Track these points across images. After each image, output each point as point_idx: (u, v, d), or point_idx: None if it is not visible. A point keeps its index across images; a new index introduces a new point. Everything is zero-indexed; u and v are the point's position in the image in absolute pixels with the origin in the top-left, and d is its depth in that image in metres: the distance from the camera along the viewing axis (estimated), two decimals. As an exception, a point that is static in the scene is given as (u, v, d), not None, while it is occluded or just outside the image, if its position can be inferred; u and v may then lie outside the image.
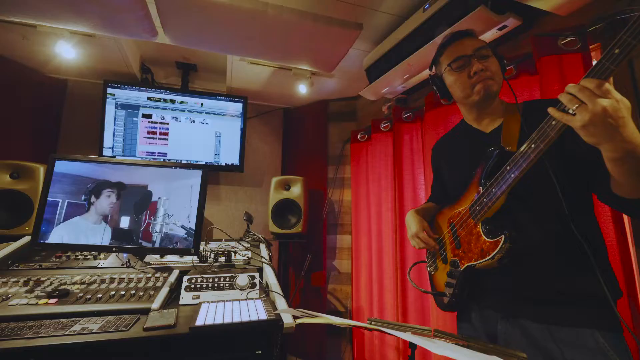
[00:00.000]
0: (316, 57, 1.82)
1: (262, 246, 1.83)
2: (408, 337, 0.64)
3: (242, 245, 1.78)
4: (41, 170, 1.86)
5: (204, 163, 2.33)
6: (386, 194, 1.99)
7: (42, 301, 1.02)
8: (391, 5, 1.65)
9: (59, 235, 1.31)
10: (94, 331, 0.86)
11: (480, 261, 0.81)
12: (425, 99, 1.71)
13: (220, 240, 1.87)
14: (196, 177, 1.42)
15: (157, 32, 1.64)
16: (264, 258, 1.63)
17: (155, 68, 2.45)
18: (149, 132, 2.25)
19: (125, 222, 1.35)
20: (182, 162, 2.28)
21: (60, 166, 1.37)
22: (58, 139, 2.32)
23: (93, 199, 1.36)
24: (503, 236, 0.78)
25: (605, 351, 0.71)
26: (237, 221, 2.54)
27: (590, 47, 1.10)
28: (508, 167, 0.78)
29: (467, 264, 0.86)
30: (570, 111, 0.62)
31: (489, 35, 1.35)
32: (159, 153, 2.26)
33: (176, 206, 1.38)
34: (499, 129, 0.93)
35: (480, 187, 0.85)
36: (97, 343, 0.83)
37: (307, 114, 2.75)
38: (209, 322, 0.91)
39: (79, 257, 1.45)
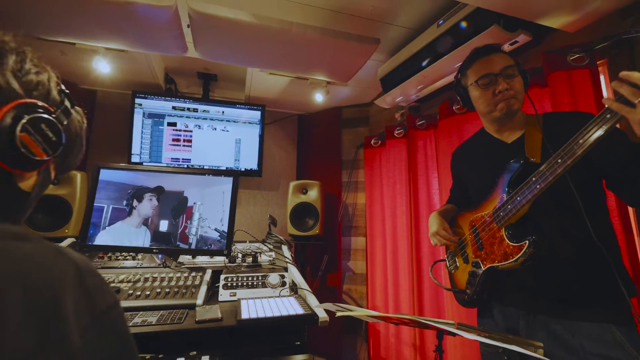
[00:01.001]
0: (334, 69, 1.93)
1: (284, 247, 1.94)
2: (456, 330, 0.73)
3: (266, 246, 1.89)
4: (79, 177, 1.98)
5: (224, 168, 2.45)
6: (401, 197, 2.09)
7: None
8: (406, 20, 1.75)
9: (104, 237, 1.43)
10: (153, 323, 0.97)
11: (504, 263, 0.90)
12: (439, 108, 1.80)
13: (244, 241, 1.98)
14: (227, 183, 1.53)
15: (187, 47, 1.76)
16: (287, 258, 1.73)
17: (178, 78, 2.57)
18: (173, 140, 2.37)
19: (164, 226, 1.47)
20: (205, 167, 2.40)
21: (104, 174, 1.49)
22: (89, 146, 2.45)
23: (135, 203, 1.47)
24: (527, 241, 0.86)
25: (622, 343, 0.79)
26: (256, 223, 2.65)
27: (598, 62, 1.19)
28: (534, 178, 0.86)
29: (490, 265, 0.95)
30: (633, 104, 0.63)
31: (493, 42, 1.44)
32: (183, 159, 2.38)
33: (210, 210, 1.49)
34: (520, 139, 1.02)
35: (504, 195, 0.94)
36: (156, 333, 0.94)
37: (321, 120, 2.86)
38: (253, 316, 1.01)
39: (119, 257, 1.57)
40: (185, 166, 2.37)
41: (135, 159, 2.31)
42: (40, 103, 0.45)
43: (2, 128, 0.40)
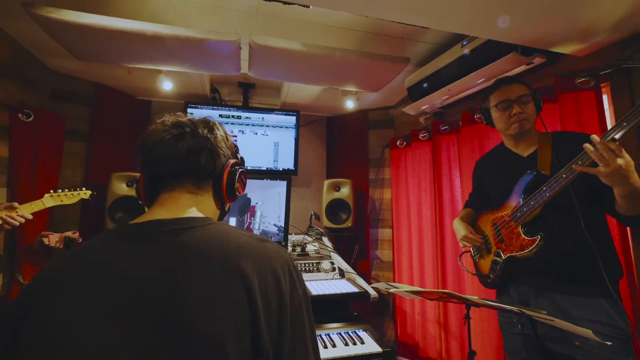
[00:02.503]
0: (367, 82, 2.18)
1: (324, 238, 2.24)
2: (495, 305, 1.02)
3: (309, 237, 2.20)
4: (89, 192, 2.31)
5: (265, 168, 2.75)
6: (426, 194, 2.35)
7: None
8: (432, 37, 1.96)
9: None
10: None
11: (520, 253, 1.17)
12: (462, 116, 2.03)
13: (290, 234, 2.30)
14: (282, 186, 1.83)
15: (241, 68, 2.04)
16: (330, 248, 2.04)
17: (221, 87, 2.87)
18: (221, 144, 2.68)
19: (233, 223, 1.79)
20: (248, 168, 2.71)
21: (183, 180, 1.81)
22: (147, 151, 2.79)
23: (209, 204, 1.79)
24: (539, 236, 1.13)
25: (609, 312, 1.05)
26: (294, 217, 2.96)
27: (602, 85, 1.41)
28: (544, 187, 1.11)
29: (509, 255, 1.21)
30: (600, 167, 0.92)
31: (517, 70, 1.66)
32: (229, 161, 2.69)
33: (269, 209, 1.80)
34: (534, 154, 1.26)
35: (520, 199, 1.20)
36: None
37: (348, 122, 3.11)
38: (320, 293, 1.32)
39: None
40: (231, 167, 2.69)
41: (189, 161, 2.63)
42: (238, 159, 0.74)
43: (229, 181, 0.70)
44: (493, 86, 1.33)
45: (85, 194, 1.59)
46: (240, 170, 0.74)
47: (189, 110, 2.64)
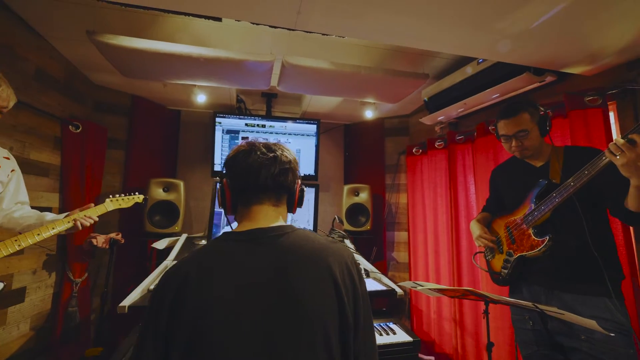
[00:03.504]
0: (387, 95, 2.33)
1: (347, 240, 2.40)
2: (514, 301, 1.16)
3: (333, 240, 2.36)
4: (182, 184, 2.51)
5: (287, 174, 2.92)
6: (441, 199, 2.49)
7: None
8: (449, 54, 2.11)
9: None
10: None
11: (530, 252, 1.31)
12: (477, 127, 2.17)
13: (314, 236, 2.45)
14: (311, 193, 1.99)
15: (270, 82, 2.21)
16: (352, 249, 2.19)
17: (245, 97, 3.04)
18: (246, 151, 2.86)
19: (266, 226, 1.95)
20: (272, 174, 2.88)
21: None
22: (178, 156, 2.99)
23: (244, 209, 1.97)
24: (548, 237, 1.27)
25: (611, 309, 1.19)
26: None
27: (609, 103, 1.54)
28: (554, 194, 1.25)
29: (520, 254, 1.36)
30: (618, 158, 1.05)
31: (529, 87, 1.80)
32: (254, 167, 2.86)
33: (299, 213, 1.96)
34: (546, 165, 1.40)
35: (532, 204, 1.34)
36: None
37: (365, 130, 3.27)
38: (352, 290, 1.47)
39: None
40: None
41: (217, 167, 2.82)
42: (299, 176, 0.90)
43: (300, 196, 0.86)
44: (498, 115, 1.45)
45: (139, 198, 1.77)
46: (303, 186, 0.91)
47: (217, 119, 2.81)
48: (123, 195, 1.74)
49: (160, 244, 2.27)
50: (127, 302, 1.43)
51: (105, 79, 2.46)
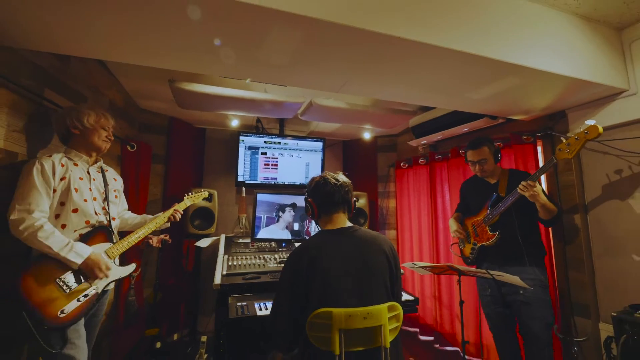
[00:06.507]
0: (384, 124, 3.00)
1: (352, 238, 3.02)
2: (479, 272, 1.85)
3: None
4: (216, 194, 3.02)
5: (298, 183, 3.51)
6: (423, 204, 3.20)
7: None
8: (431, 95, 2.81)
9: (263, 234, 2.49)
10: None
11: (487, 243, 2.01)
12: (451, 150, 2.89)
13: (326, 234, 3.06)
14: (330, 201, 2.60)
15: (295, 114, 2.79)
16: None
17: (262, 118, 3.59)
18: (265, 164, 3.41)
19: (297, 226, 2.54)
20: (286, 183, 3.45)
21: (260, 197, 2.55)
22: (204, 169, 3.48)
23: (280, 213, 2.54)
24: (497, 232, 1.96)
25: (537, 273, 1.89)
26: (317, 221, 3.73)
27: (537, 141, 2.29)
28: (500, 204, 1.95)
29: (481, 244, 2.05)
30: (526, 192, 1.77)
31: (488, 125, 2.53)
32: (271, 178, 3.42)
33: (322, 217, 2.56)
34: (497, 182, 2.10)
35: (488, 210, 2.04)
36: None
37: (361, 146, 3.92)
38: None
39: (265, 247, 2.64)
40: (273, 183, 3.42)
41: (240, 178, 3.34)
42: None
43: (354, 206, 1.48)
44: (467, 147, 2.15)
45: (205, 194, 2.26)
46: (355, 198, 1.53)
47: (240, 137, 3.34)
48: (195, 192, 2.23)
49: (203, 243, 2.78)
50: (217, 281, 1.95)
51: (149, 104, 2.92)
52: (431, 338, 3.07)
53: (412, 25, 1.35)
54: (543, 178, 2.28)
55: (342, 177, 1.47)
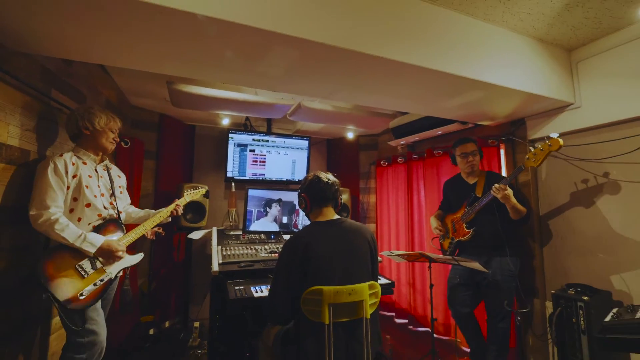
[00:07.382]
0: (367, 126, 3.24)
1: (336, 230, 3.26)
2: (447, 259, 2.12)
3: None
4: (206, 188, 3.16)
5: (285, 179, 3.69)
6: (401, 199, 3.48)
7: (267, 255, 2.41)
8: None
9: (254, 227, 2.68)
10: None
11: (463, 238, 2.27)
12: (426, 150, 3.17)
13: (311, 227, 3.28)
14: (316, 196, 2.81)
15: (284, 115, 2.97)
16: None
17: (251, 117, 3.73)
18: (253, 161, 3.57)
19: (285, 220, 2.74)
20: (273, 179, 3.63)
21: (251, 192, 2.72)
22: (193, 165, 3.59)
23: (268, 208, 2.73)
24: (473, 229, 2.24)
25: (508, 263, 2.16)
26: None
27: (501, 144, 2.60)
28: (476, 203, 2.22)
29: (458, 239, 2.32)
30: (497, 194, 2.03)
31: (458, 128, 2.82)
32: (259, 174, 3.59)
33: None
34: (475, 183, 2.37)
35: (466, 208, 2.31)
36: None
37: (344, 144, 4.15)
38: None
39: (255, 238, 2.82)
40: (261, 179, 3.59)
41: (229, 174, 3.49)
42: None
43: (340, 202, 1.70)
44: (458, 142, 2.40)
45: (203, 191, 2.41)
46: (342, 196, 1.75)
47: (230, 135, 3.47)
48: (194, 189, 2.37)
49: (196, 235, 2.93)
50: (215, 268, 2.12)
51: (141, 101, 3.01)
52: (405, 320, 3.38)
53: (389, 45, 1.57)
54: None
55: (332, 177, 1.69)
